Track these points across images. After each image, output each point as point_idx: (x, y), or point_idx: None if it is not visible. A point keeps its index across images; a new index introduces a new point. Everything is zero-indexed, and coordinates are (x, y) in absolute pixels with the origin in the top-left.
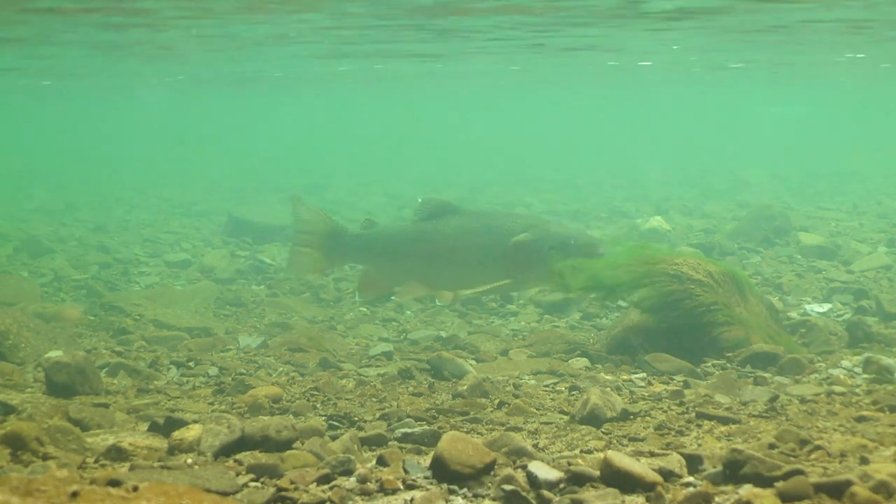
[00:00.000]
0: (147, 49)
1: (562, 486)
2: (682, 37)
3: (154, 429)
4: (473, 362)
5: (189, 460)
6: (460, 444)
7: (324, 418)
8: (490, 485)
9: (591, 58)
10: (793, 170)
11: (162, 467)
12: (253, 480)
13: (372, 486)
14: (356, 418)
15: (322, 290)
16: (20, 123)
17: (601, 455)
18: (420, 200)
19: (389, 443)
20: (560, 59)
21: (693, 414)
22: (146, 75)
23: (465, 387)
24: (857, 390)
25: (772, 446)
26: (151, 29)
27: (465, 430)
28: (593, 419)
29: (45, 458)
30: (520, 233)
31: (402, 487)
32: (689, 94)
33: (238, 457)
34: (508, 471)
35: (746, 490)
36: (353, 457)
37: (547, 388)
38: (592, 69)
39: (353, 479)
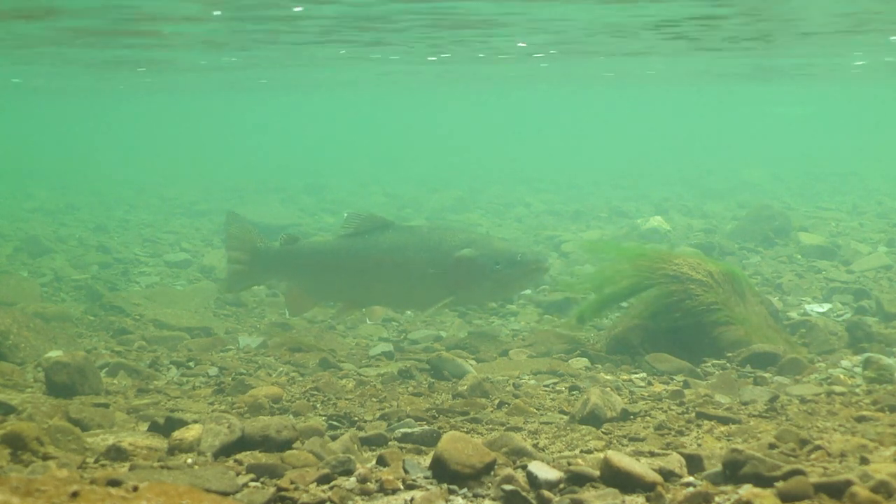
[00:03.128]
0: (150, 53)
1: (562, 486)
2: (683, 37)
3: (154, 429)
4: (473, 362)
5: (189, 460)
6: (460, 444)
7: (324, 418)
8: (490, 485)
9: (588, 57)
10: (793, 170)
11: (162, 467)
12: (253, 480)
13: (372, 486)
14: (356, 418)
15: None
16: (20, 123)
17: (601, 455)
18: (346, 215)
19: (389, 443)
20: (559, 59)
21: (693, 414)
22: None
23: (465, 387)
24: (857, 390)
25: (772, 446)
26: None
27: (465, 430)
28: (593, 419)
29: (45, 458)
30: (462, 249)
31: (402, 487)
32: (690, 94)
33: (238, 457)
34: (508, 471)
35: (746, 490)
36: (353, 457)
37: (547, 388)
38: (590, 68)
39: (353, 479)
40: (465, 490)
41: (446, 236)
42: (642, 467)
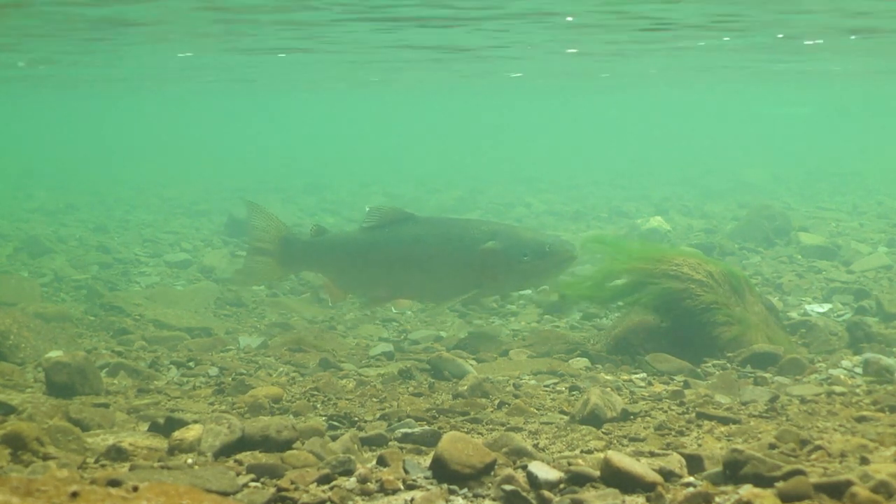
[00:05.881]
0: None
1: (562, 486)
2: (684, 38)
3: (154, 429)
4: (474, 362)
5: (189, 460)
6: (460, 445)
7: (324, 418)
8: (490, 485)
9: (589, 58)
10: (793, 170)
11: (162, 467)
12: (253, 480)
13: (372, 486)
14: (356, 418)
15: (322, 290)
16: (20, 123)
17: (601, 455)
18: (367, 209)
19: (389, 443)
20: (559, 60)
21: (693, 414)
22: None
23: (466, 387)
24: (858, 390)
25: (772, 446)
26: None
27: (466, 430)
28: (593, 419)
29: (46, 458)
30: (488, 240)
31: (402, 487)
32: (689, 94)
33: (238, 457)
34: (508, 471)
35: (746, 490)
36: (353, 457)
37: (547, 389)
38: (591, 69)
39: (353, 479)
40: (465, 490)
41: (470, 228)
42: (642, 467)
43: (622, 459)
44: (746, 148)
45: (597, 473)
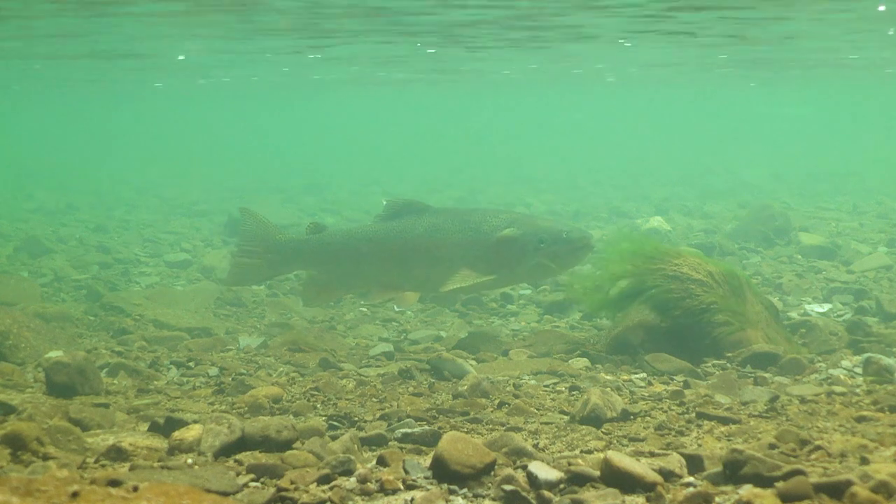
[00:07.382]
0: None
1: (562, 486)
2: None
3: (154, 429)
4: (474, 362)
5: (189, 460)
6: (460, 445)
7: (324, 418)
8: (490, 485)
9: (588, 57)
10: (793, 170)
11: (162, 467)
12: (253, 480)
13: (372, 486)
14: (356, 418)
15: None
16: (20, 124)
17: (601, 455)
18: (385, 202)
19: (389, 443)
20: (560, 59)
21: (693, 414)
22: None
23: (466, 387)
24: (857, 390)
25: (772, 446)
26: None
27: (466, 430)
28: (593, 419)
29: (46, 458)
30: (504, 228)
31: (402, 487)
32: (690, 94)
33: (238, 457)
34: (508, 471)
35: (746, 490)
36: (353, 457)
37: (547, 389)
38: (592, 69)
39: (353, 479)
40: (465, 490)
41: (487, 216)
42: (642, 467)
43: (622, 459)
44: (746, 148)
45: (597, 473)
